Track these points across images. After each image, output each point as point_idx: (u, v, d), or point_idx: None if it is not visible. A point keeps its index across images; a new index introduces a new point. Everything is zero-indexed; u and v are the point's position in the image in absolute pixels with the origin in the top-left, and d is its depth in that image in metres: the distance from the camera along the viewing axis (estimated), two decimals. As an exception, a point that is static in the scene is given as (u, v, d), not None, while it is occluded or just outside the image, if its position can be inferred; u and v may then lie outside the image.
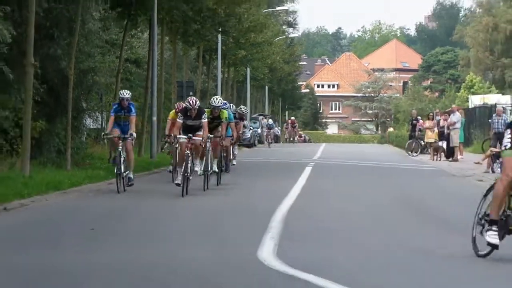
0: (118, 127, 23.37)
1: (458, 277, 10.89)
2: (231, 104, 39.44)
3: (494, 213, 11.84)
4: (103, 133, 23.40)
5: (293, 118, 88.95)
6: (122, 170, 22.75)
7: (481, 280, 10.76)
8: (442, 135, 43.18)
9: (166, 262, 11.76)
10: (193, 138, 22.39)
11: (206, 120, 22.98)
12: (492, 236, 11.79)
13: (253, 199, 21.48)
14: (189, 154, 22.28)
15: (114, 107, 23.91)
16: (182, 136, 22.48)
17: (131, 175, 23.51)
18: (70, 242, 13.80)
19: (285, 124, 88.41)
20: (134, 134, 23.83)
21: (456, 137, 41.81)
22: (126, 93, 23.89)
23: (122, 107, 23.58)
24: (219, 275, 10.77)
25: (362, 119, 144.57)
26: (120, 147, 22.89)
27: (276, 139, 78.71)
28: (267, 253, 12.13)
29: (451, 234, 15.28)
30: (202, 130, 22.79)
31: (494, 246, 11.72)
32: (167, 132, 27.51)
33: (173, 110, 26.90)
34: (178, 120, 23.25)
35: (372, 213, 18.55)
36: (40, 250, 12.78)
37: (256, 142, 67.74)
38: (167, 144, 43.50)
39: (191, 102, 23.00)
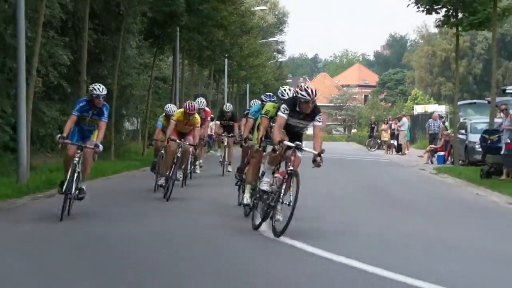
0: (78, 133, 13.74)
1: (405, 241, 10.88)
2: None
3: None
4: (58, 135, 13.37)
5: None
6: (73, 191, 13.16)
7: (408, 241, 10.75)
8: (393, 135, 43.25)
9: (188, 230, 11.75)
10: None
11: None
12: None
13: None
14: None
15: (80, 104, 13.47)
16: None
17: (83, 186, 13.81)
18: (112, 214, 13.78)
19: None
20: (101, 147, 13.53)
21: (402, 136, 41.92)
22: (102, 89, 13.43)
23: (93, 106, 13.43)
24: (226, 241, 10.75)
25: (334, 123, 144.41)
26: (76, 159, 13.33)
27: None
28: (265, 226, 12.11)
29: (400, 210, 15.29)
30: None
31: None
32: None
33: (181, 110, 17.08)
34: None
35: (342, 194, 18.56)
36: (89, 221, 12.76)
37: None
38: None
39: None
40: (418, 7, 28.22)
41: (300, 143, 11.72)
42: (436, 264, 8.98)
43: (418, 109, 65.24)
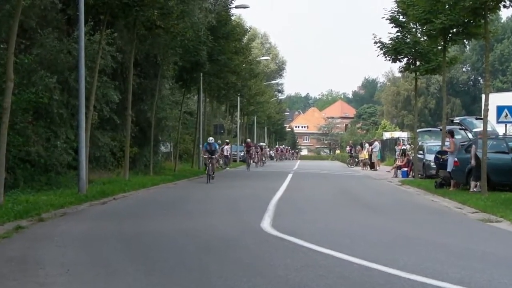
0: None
1: (375, 237, 10.84)
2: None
3: None
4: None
5: (282, 146, 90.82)
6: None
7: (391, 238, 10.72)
8: (368, 155, 43.17)
9: (207, 228, 11.75)
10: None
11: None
12: None
13: (258, 191, 21.47)
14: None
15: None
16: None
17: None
18: (151, 217, 13.79)
19: (275, 149, 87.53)
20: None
21: (375, 156, 41.86)
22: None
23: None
24: (238, 236, 10.74)
25: (321, 146, 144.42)
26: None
27: (271, 157, 78.16)
28: (266, 224, 12.11)
29: (371, 212, 15.24)
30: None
31: None
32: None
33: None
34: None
35: (328, 200, 18.51)
36: (134, 222, 12.77)
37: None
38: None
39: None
40: (385, 57, 28.35)
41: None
42: (399, 254, 8.96)
43: (387, 135, 65.14)
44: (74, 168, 20.16)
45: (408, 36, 28.06)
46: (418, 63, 28.44)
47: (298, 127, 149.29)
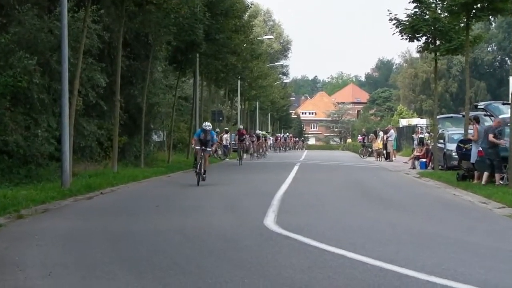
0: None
1: (391, 234, 10.84)
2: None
3: None
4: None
5: (285, 134, 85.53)
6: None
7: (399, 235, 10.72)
8: (383, 145, 43.18)
9: (204, 226, 11.75)
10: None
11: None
12: None
13: (261, 185, 21.46)
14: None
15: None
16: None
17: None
18: (142, 213, 13.82)
19: (274, 138, 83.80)
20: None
21: (390, 146, 41.84)
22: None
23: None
24: (239, 235, 10.75)
25: (331, 134, 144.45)
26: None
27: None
28: (270, 221, 12.10)
29: (386, 207, 15.24)
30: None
31: None
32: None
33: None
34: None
35: (338, 194, 18.50)
36: (123, 219, 12.79)
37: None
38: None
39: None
40: (402, 36, 28.22)
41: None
42: (417, 253, 8.95)
43: (403, 122, 65.14)
44: (56, 160, 20.16)
45: (427, 12, 27.94)
46: (438, 42, 28.35)
47: (305, 113, 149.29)
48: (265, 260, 8.53)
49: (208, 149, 21.08)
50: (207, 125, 21.28)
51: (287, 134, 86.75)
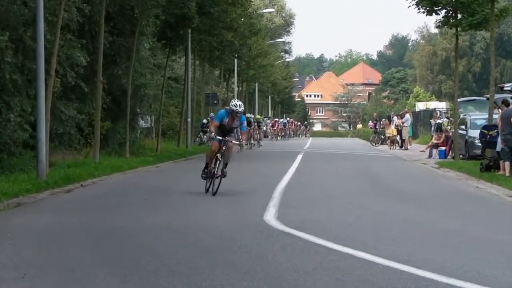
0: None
1: (405, 232, 10.84)
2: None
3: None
4: None
5: (285, 119, 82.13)
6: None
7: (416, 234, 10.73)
8: (397, 131, 43.19)
9: (197, 222, 11.75)
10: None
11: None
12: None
13: (261, 176, 21.45)
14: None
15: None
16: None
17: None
18: (128, 208, 13.82)
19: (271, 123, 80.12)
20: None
21: (405, 132, 41.85)
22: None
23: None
24: (236, 232, 10.75)
25: (339, 119, 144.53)
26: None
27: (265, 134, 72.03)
28: (270, 216, 12.12)
29: (401, 201, 15.24)
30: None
31: None
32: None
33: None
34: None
35: (346, 186, 18.51)
36: (106, 214, 12.79)
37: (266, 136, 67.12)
38: (197, 138, 43.67)
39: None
40: (418, 9, 28.13)
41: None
42: (435, 253, 8.95)
43: (420, 106, 65.04)
44: (31, 148, 20.14)
45: (447, -18, 27.86)
46: (459, 16, 28.28)
47: (310, 96, 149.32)
48: (265, 261, 8.53)
49: (232, 141, 15.94)
50: (238, 104, 15.55)
51: (287, 118, 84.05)
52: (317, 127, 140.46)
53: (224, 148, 15.67)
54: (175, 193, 16.77)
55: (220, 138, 15.54)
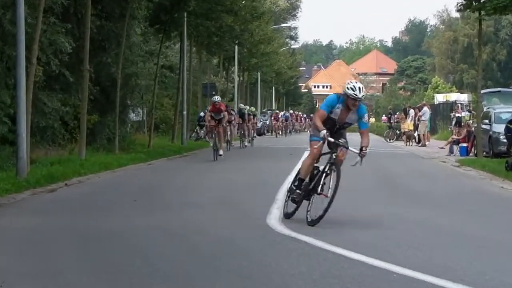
0: None
1: (422, 237, 10.84)
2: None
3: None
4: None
5: (286, 112, 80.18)
6: None
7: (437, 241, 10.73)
8: (414, 125, 43.18)
9: (193, 225, 11.76)
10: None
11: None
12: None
13: (263, 175, 21.44)
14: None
15: None
16: None
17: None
18: (117, 209, 13.83)
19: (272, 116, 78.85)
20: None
21: (423, 126, 41.78)
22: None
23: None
24: (236, 237, 10.75)
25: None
26: None
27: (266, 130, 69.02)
28: (274, 220, 12.11)
29: (418, 203, 15.23)
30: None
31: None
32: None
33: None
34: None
35: (357, 187, 18.46)
36: (93, 216, 12.80)
37: (265, 131, 66.99)
38: (194, 133, 43.65)
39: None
40: (438, -10, 28.07)
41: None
42: (456, 260, 8.96)
43: (439, 98, 65.09)
44: (10, 143, 20.14)
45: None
46: (483, -2, 28.23)
47: (318, 87, 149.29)
48: (268, 268, 8.54)
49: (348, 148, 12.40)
50: (357, 87, 11.92)
51: (290, 111, 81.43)
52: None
53: (334, 156, 12.11)
54: (169, 193, 16.79)
55: (332, 139, 11.98)
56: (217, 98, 29.23)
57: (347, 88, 11.89)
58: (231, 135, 36.19)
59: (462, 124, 34.70)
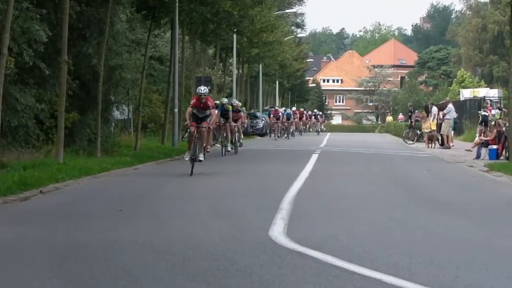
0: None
1: (452, 252, 10.82)
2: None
3: None
4: None
5: (289, 109, 76.67)
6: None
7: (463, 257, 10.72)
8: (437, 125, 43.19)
9: (185, 238, 11.74)
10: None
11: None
12: None
13: (265, 181, 21.45)
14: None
15: None
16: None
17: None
18: (99, 220, 13.81)
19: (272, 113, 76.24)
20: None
21: (447, 126, 41.75)
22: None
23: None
24: (233, 252, 10.73)
25: (364, 110, 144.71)
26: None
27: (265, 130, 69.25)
28: (277, 232, 12.09)
29: (442, 214, 15.22)
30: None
31: None
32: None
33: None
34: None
35: (373, 195, 18.49)
36: (72, 228, 12.78)
37: (268, 131, 66.51)
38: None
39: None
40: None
41: None
42: (485, 277, 8.94)
43: (466, 94, 65.11)
44: (-22, 145, 20.12)
45: None
46: (516, -20, 28.26)
47: (328, 81, 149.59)
48: (271, 286, 8.52)
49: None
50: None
51: (293, 108, 76.85)
52: (337, 120, 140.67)
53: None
54: (158, 201, 16.78)
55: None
56: (203, 89, 24.64)
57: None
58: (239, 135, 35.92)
59: (492, 123, 34.66)
